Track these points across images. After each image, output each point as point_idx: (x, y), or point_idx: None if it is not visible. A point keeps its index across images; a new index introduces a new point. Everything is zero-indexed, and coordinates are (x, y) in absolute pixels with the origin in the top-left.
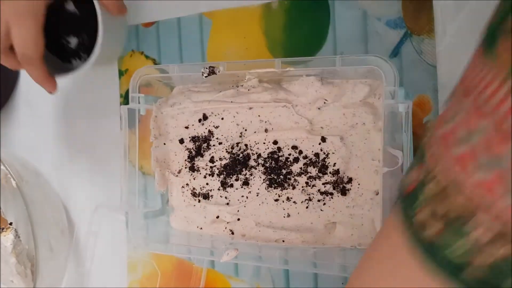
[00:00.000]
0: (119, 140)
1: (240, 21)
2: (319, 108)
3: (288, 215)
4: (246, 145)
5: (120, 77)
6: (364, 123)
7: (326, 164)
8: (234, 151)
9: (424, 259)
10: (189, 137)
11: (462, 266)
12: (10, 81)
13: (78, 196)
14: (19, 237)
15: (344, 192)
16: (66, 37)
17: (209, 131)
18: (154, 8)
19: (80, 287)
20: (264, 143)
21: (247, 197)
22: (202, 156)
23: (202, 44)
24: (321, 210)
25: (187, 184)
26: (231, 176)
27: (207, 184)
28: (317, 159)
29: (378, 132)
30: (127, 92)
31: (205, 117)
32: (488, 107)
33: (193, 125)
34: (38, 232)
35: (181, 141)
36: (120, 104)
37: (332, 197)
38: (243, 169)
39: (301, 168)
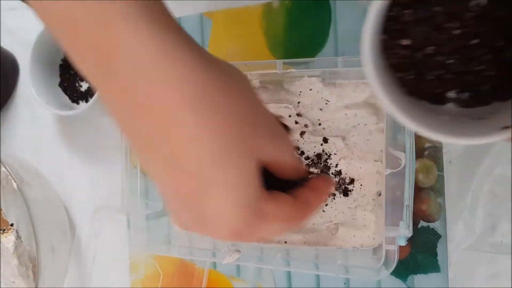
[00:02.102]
0: (120, 141)
1: (241, 21)
2: (321, 109)
3: None
4: None
5: None
6: (366, 124)
7: (328, 165)
8: None
9: None
10: None
11: None
12: (10, 81)
13: (79, 197)
14: (20, 238)
15: (346, 193)
16: (80, 81)
17: None
18: None
19: (82, 287)
20: None
21: None
22: None
23: (203, 44)
24: (323, 211)
25: None
26: None
27: None
28: (319, 160)
29: (380, 133)
30: None
31: None
32: None
33: None
34: (40, 233)
35: None
36: None
37: (334, 198)
38: None
39: None
